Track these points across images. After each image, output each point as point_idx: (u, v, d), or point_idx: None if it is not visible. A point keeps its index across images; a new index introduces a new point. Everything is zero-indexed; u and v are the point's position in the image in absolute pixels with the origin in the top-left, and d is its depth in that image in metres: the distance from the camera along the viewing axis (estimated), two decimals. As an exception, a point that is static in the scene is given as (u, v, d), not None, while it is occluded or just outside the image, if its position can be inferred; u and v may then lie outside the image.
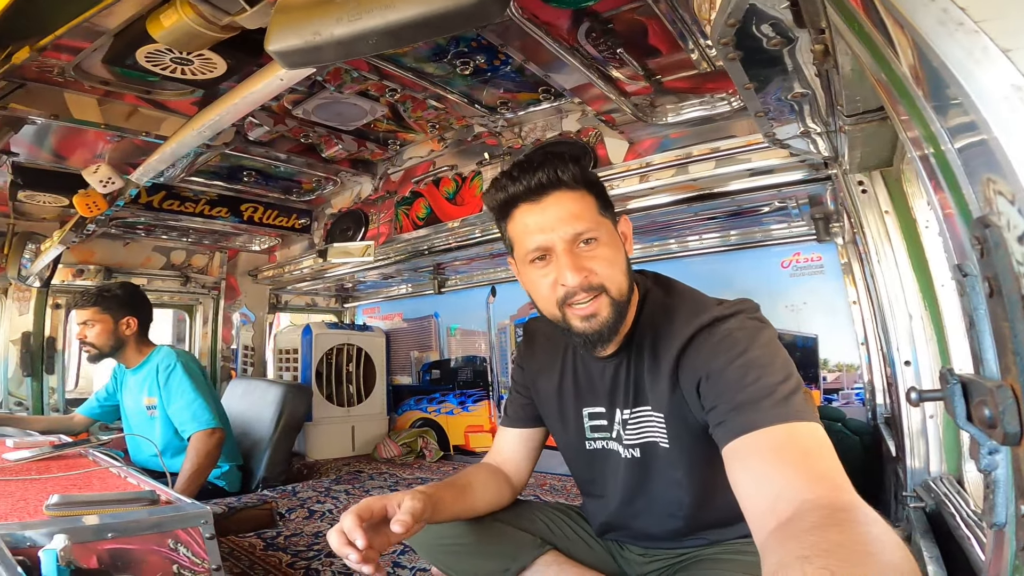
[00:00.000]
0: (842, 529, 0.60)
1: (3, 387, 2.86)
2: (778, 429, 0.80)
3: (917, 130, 0.66)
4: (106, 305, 2.16)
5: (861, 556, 0.55)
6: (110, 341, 2.16)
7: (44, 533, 0.72)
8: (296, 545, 1.77)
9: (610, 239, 1.00)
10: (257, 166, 2.65)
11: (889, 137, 1.23)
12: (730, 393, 0.87)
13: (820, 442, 0.79)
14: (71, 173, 2.22)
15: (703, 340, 0.95)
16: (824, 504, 0.66)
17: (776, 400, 0.82)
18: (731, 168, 1.89)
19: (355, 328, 3.95)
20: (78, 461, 1.32)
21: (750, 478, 0.77)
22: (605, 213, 1.02)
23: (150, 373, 2.17)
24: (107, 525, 0.81)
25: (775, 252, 2.71)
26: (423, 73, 1.85)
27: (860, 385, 2.48)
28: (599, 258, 0.97)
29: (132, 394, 2.24)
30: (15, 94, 1.62)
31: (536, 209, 0.98)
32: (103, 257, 3.16)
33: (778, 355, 0.91)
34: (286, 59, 1.03)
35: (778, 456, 0.77)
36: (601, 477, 1.19)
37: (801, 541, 0.59)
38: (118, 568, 0.78)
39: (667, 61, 1.63)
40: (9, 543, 0.68)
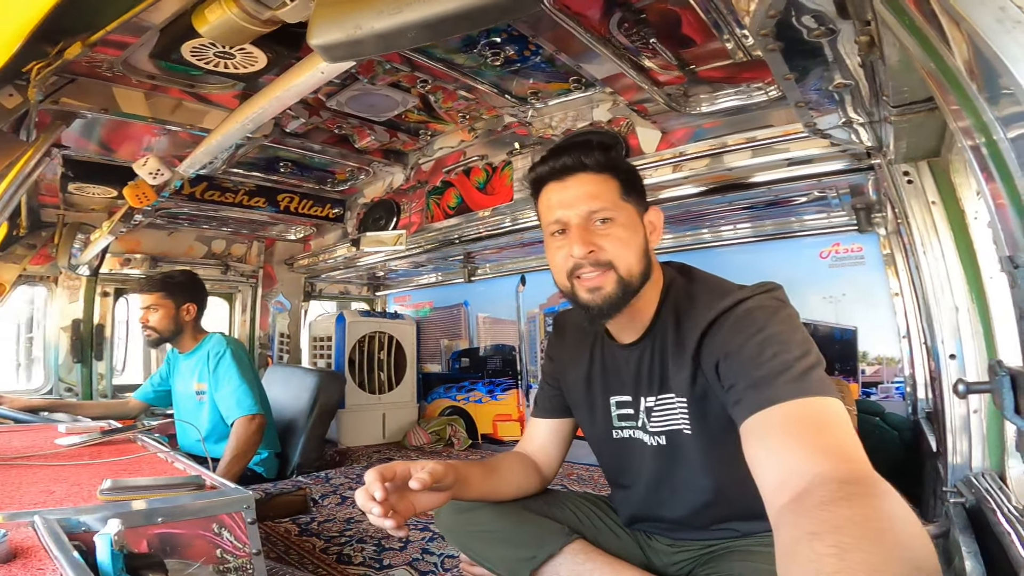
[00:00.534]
0: (853, 503, 0.58)
1: (54, 373, 3.00)
2: (793, 404, 0.79)
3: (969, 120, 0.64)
4: (169, 291, 2.24)
5: (872, 532, 0.54)
6: (171, 326, 2.24)
7: (98, 518, 0.76)
8: (329, 531, 1.82)
9: (628, 222, 1.06)
10: (293, 157, 2.70)
11: (937, 127, 1.19)
12: (747, 371, 0.87)
13: (835, 416, 0.78)
14: (118, 165, 2.31)
15: (723, 322, 0.97)
16: (836, 477, 0.65)
17: (792, 376, 0.82)
18: (768, 158, 1.85)
19: (386, 316, 4.02)
20: (127, 446, 1.38)
21: (764, 454, 0.77)
22: (628, 199, 1.07)
23: (201, 359, 2.25)
24: (157, 510, 0.85)
25: (813, 242, 2.65)
26: (453, 64, 1.86)
27: (900, 379, 2.42)
28: (611, 237, 1.04)
29: (183, 379, 2.32)
30: (66, 88, 1.67)
31: (560, 187, 1.08)
32: (149, 246, 3.28)
33: (796, 332, 0.91)
34: (328, 52, 1.06)
35: (791, 431, 0.76)
36: (628, 466, 1.21)
37: (811, 517, 0.58)
38: (166, 552, 0.82)
39: (701, 51, 1.59)
40: (65, 528, 0.72)
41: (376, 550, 1.63)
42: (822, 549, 0.53)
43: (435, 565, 1.51)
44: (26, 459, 1.17)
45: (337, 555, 1.59)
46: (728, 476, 1.01)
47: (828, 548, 0.53)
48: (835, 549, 0.52)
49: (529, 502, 1.26)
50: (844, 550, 0.52)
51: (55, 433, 1.45)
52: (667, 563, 1.19)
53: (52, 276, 2.98)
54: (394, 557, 1.58)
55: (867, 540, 0.52)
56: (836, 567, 0.51)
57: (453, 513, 1.28)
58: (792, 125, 1.74)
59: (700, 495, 1.10)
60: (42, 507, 0.84)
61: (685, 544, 1.18)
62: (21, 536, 0.69)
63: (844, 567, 0.50)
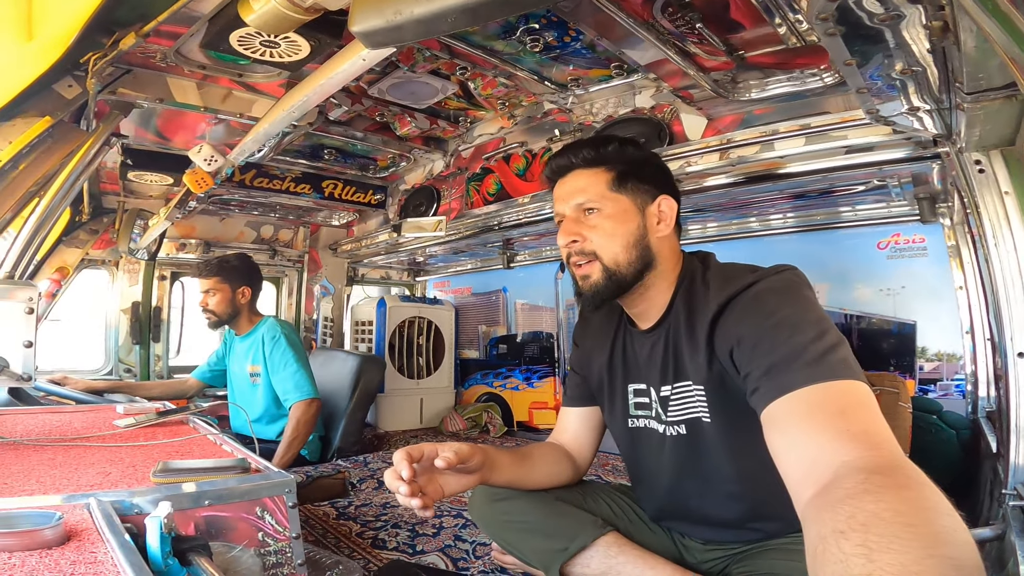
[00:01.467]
0: (881, 496, 0.54)
1: (114, 355, 3.17)
2: (812, 390, 0.75)
3: None
4: (226, 275, 2.32)
5: (903, 528, 0.50)
6: (228, 309, 2.32)
7: (150, 500, 0.79)
8: (365, 515, 1.87)
9: (615, 212, 1.09)
10: (336, 144, 2.75)
11: (1014, 115, 1.10)
12: (761, 357, 0.84)
13: (858, 399, 0.74)
14: (174, 154, 2.40)
15: (733, 307, 0.95)
16: (862, 467, 0.61)
17: (808, 359, 0.78)
18: (823, 145, 1.74)
19: (426, 301, 4.06)
20: (180, 428, 1.45)
21: (786, 444, 0.73)
22: (620, 189, 1.11)
23: (256, 342, 2.32)
24: (205, 492, 0.88)
25: (870, 233, 2.51)
26: (493, 51, 1.83)
27: (961, 376, 2.29)
28: (595, 228, 1.09)
29: (239, 360, 2.40)
30: (123, 79, 1.73)
31: (559, 184, 1.18)
32: (202, 232, 3.41)
33: (809, 311, 0.87)
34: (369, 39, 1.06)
35: (812, 418, 0.72)
36: (644, 457, 1.20)
37: (837, 512, 0.55)
38: (211, 535, 0.86)
39: (751, 36, 1.51)
40: (119, 510, 0.76)
41: (410, 535, 1.67)
42: (849, 549, 0.50)
43: (467, 552, 1.54)
44: (85, 440, 1.24)
45: (372, 539, 1.63)
46: (755, 466, 0.97)
47: (855, 548, 0.50)
48: (863, 549, 0.49)
49: (563, 493, 1.26)
50: (872, 550, 0.49)
51: (113, 414, 1.54)
52: (700, 560, 1.17)
53: (113, 260, 3.13)
54: (427, 543, 1.61)
55: (898, 538, 0.49)
56: (865, 570, 0.48)
57: (486, 502, 1.30)
58: (850, 112, 1.64)
59: (727, 486, 1.07)
60: (98, 489, 0.89)
61: (717, 544, 1.16)
62: (77, 518, 0.73)
63: (873, 569, 0.47)
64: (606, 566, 1.14)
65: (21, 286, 1.30)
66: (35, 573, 0.57)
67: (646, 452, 1.19)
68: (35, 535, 0.64)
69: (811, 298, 0.93)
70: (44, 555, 0.62)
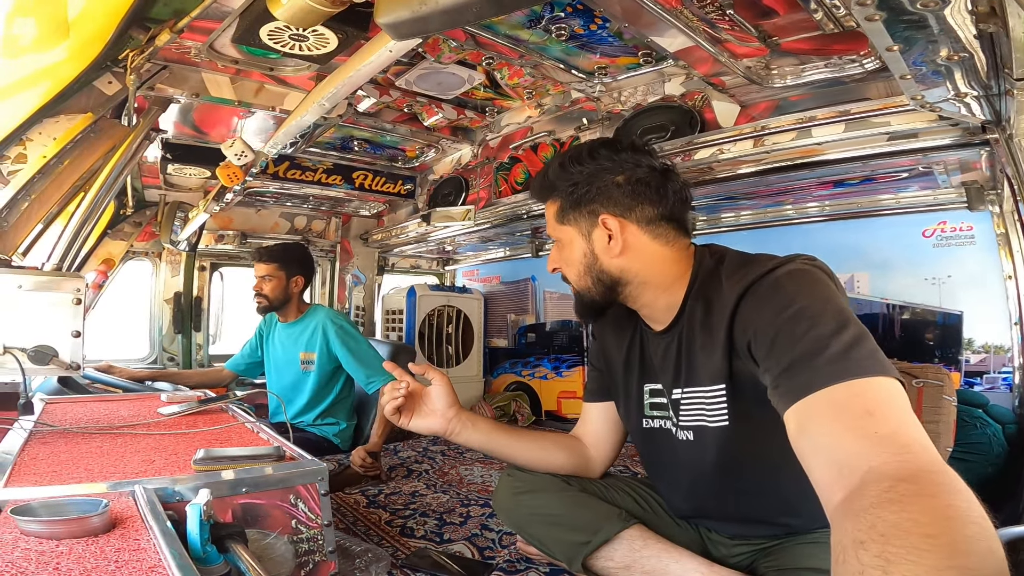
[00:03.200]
0: (904, 505, 0.53)
1: (158, 343, 3.30)
2: (836, 389, 0.71)
3: None
4: (283, 263, 2.37)
5: (922, 539, 0.48)
6: (281, 296, 2.37)
7: (190, 488, 0.83)
8: (395, 504, 1.90)
9: (568, 241, 1.13)
10: (366, 136, 2.78)
11: (1068, 100, 1.03)
12: (780, 353, 0.80)
13: (887, 398, 0.70)
14: (211, 147, 2.45)
15: (750, 296, 0.91)
16: (889, 473, 0.59)
17: (831, 355, 0.74)
18: (864, 132, 1.67)
19: (455, 290, 4.09)
20: (219, 416, 1.51)
21: (812, 448, 0.70)
22: (566, 219, 1.13)
23: (309, 330, 2.36)
24: (242, 480, 0.92)
25: (915, 220, 2.41)
26: (518, 40, 1.81)
27: (1009, 369, 2.19)
28: (560, 258, 1.16)
29: (285, 347, 2.43)
30: (160, 75, 1.78)
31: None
32: (240, 223, 3.50)
33: (830, 301, 0.82)
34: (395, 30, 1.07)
35: (838, 420, 0.69)
36: (660, 458, 1.19)
37: (860, 521, 0.53)
38: (247, 522, 0.89)
39: (785, 22, 1.44)
40: (162, 498, 0.80)
41: (438, 524, 1.70)
42: (867, 560, 0.49)
43: (492, 542, 1.56)
44: (131, 428, 1.31)
45: (401, 528, 1.67)
46: (778, 463, 0.93)
47: (873, 559, 0.49)
48: (880, 561, 0.48)
49: (587, 485, 1.27)
50: (889, 561, 0.48)
51: (157, 402, 1.61)
52: (726, 555, 1.16)
53: (156, 252, 3.25)
54: (454, 532, 1.64)
55: (916, 549, 0.48)
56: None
57: (510, 495, 1.31)
58: (893, 98, 1.57)
59: (748, 484, 1.05)
60: (143, 476, 0.94)
61: (744, 538, 1.14)
62: (122, 506, 0.77)
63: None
64: (630, 559, 1.14)
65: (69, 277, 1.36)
66: (81, 560, 0.61)
67: (662, 452, 1.17)
68: (83, 522, 0.68)
69: (831, 287, 0.88)
70: (91, 542, 0.65)
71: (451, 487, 2.10)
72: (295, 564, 0.93)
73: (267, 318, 2.56)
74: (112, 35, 1.39)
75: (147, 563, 0.60)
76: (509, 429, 1.33)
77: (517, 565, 1.40)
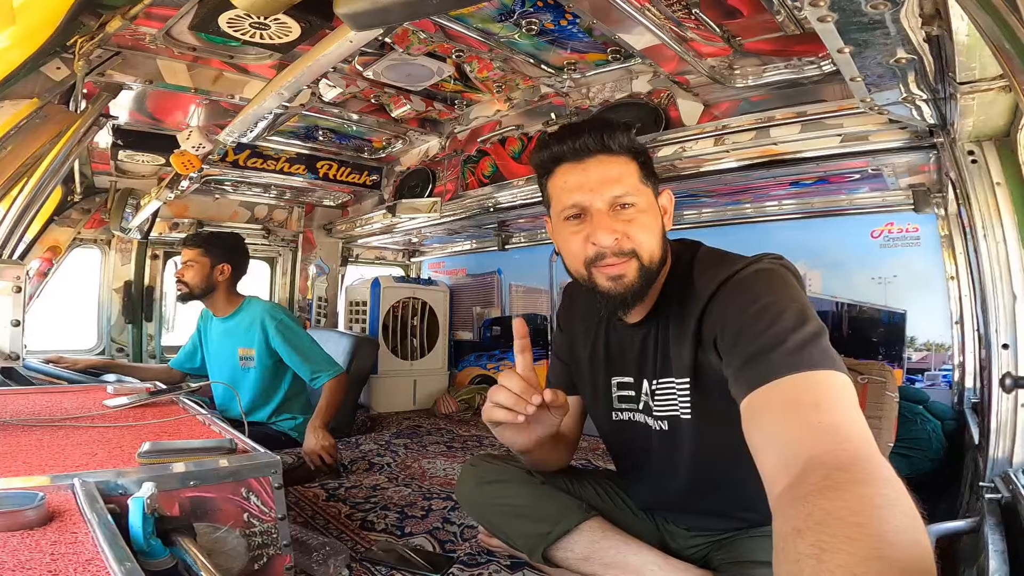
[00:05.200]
0: (839, 494, 0.55)
1: (106, 333, 3.16)
2: (789, 380, 0.74)
3: None
4: (206, 249, 2.26)
5: (854, 528, 0.50)
6: (202, 283, 2.24)
7: (135, 481, 0.80)
8: (355, 497, 1.87)
9: (649, 207, 1.02)
10: (331, 126, 2.74)
11: (1007, 106, 1.09)
12: (743, 345, 0.83)
13: (835, 392, 0.73)
14: (166, 134, 2.38)
15: (720, 294, 0.93)
16: (827, 462, 0.61)
17: (788, 349, 0.77)
18: (819, 133, 1.74)
19: (420, 282, 4.05)
20: (170, 408, 1.46)
21: (761, 436, 0.73)
22: (647, 182, 1.03)
23: (245, 324, 2.27)
24: (190, 473, 0.89)
25: (864, 221, 2.51)
26: (489, 33, 1.80)
27: (949, 367, 2.30)
28: (635, 223, 0.99)
29: (220, 342, 2.35)
30: (112, 61, 1.72)
31: (578, 169, 1.02)
32: (196, 211, 3.39)
33: (794, 300, 0.86)
34: (354, 20, 1.05)
35: (788, 410, 0.72)
36: (629, 449, 1.20)
37: (799, 509, 0.55)
38: (196, 516, 0.86)
39: (749, 22, 1.49)
40: (103, 491, 0.76)
41: (399, 518, 1.69)
42: (803, 549, 0.51)
43: (454, 535, 1.56)
44: (74, 420, 1.25)
45: (361, 521, 1.65)
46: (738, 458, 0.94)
47: (809, 548, 0.51)
48: (815, 549, 0.50)
49: (549, 477, 1.28)
50: (823, 550, 0.50)
51: (103, 394, 1.54)
52: (683, 546, 1.19)
53: (105, 239, 3.12)
54: (415, 525, 1.63)
55: (848, 539, 0.50)
56: (814, 571, 0.49)
57: (473, 485, 1.31)
58: (848, 100, 1.63)
59: (711, 478, 1.08)
60: (84, 469, 0.90)
61: (701, 530, 1.17)
62: (61, 499, 0.74)
63: (822, 570, 0.48)
64: (590, 550, 1.15)
65: (8, 265, 1.30)
66: (16, 553, 0.58)
67: (632, 444, 1.18)
68: (17, 516, 0.65)
69: (796, 286, 0.92)
70: (26, 536, 0.62)
71: (413, 480, 2.08)
72: (248, 558, 0.91)
73: (203, 312, 2.45)
74: (61, 21, 1.35)
75: (84, 556, 0.57)
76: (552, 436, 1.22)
77: (478, 558, 1.40)
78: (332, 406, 2.13)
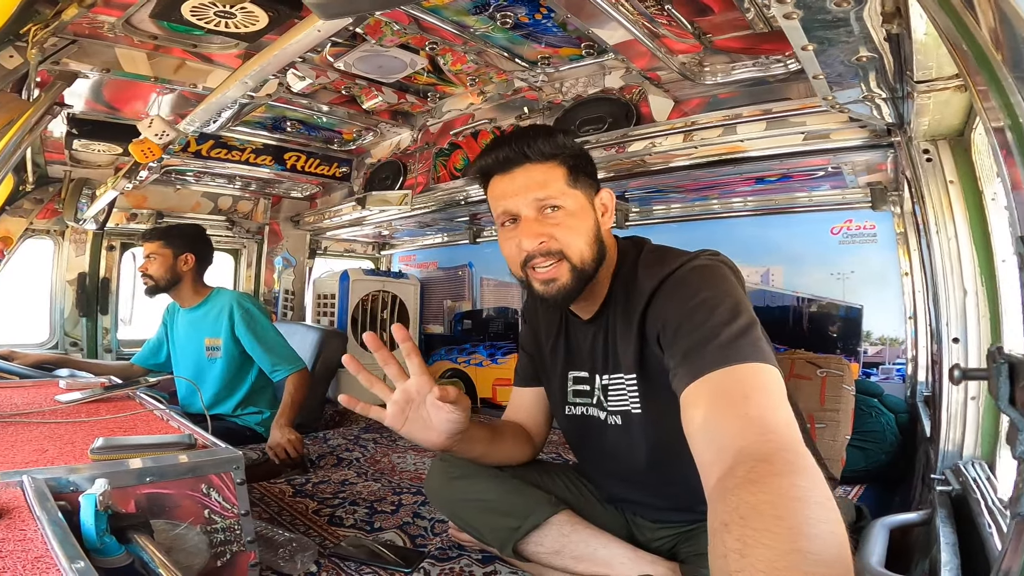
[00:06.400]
0: (761, 486, 0.57)
1: (60, 327, 3.03)
2: (721, 373, 0.77)
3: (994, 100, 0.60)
4: (169, 240, 2.24)
5: (774, 521, 0.52)
6: (167, 275, 2.23)
7: (87, 477, 0.77)
8: (323, 492, 1.84)
9: (577, 208, 1.05)
10: (300, 117, 2.69)
11: (962, 106, 1.13)
12: (681, 340, 0.86)
13: (762, 383, 0.76)
14: (124, 124, 2.33)
15: (661, 290, 0.96)
16: (753, 454, 0.63)
17: (720, 343, 0.80)
18: (783, 131, 1.78)
19: (390, 275, 4.00)
20: (126, 403, 1.40)
21: (696, 428, 0.75)
22: (576, 184, 1.06)
23: (213, 314, 2.24)
24: (147, 469, 0.86)
25: (824, 218, 2.58)
26: (464, 26, 1.79)
27: (902, 361, 2.39)
28: (561, 226, 1.03)
29: (187, 333, 2.31)
30: (68, 50, 1.69)
31: (506, 178, 1.07)
32: (155, 202, 3.28)
33: (729, 294, 0.89)
34: (323, 10, 1.04)
35: (718, 403, 0.75)
36: (586, 444, 1.22)
37: (726, 503, 0.57)
38: (154, 512, 0.84)
39: (720, 20, 1.52)
40: (53, 488, 0.73)
41: (368, 513, 1.66)
42: (730, 543, 0.52)
43: (425, 530, 1.55)
44: (24, 416, 1.19)
45: (329, 517, 1.62)
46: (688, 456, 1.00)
47: (734, 543, 0.52)
48: (739, 544, 0.52)
49: (519, 471, 1.28)
50: (747, 544, 0.51)
51: (56, 390, 1.47)
52: (650, 538, 1.21)
53: (59, 230, 2.99)
54: (385, 520, 1.61)
55: (769, 532, 0.51)
56: (738, 565, 0.50)
57: (443, 480, 1.30)
58: (811, 99, 1.67)
59: (666, 472, 1.10)
60: (33, 466, 0.86)
61: (666, 523, 1.19)
62: (8, 496, 0.70)
63: (745, 565, 0.50)
64: (560, 544, 1.16)
65: (-46, 255, 1.22)
66: (-41, 553, 0.55)
67: (588, 438, 1.20)
68: (-40, 514, 0.61)
69: (732, 281, 0.94)
70: (-30, 534, 0.59)
71: (383, 475, 2.06)
72: (210, 555, 0.88)
73: (170, 306, 2.42)
74: (15, 10, 1.32)
75: (33, 553, 0.55)
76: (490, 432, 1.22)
77: (449, 552, 1.39)
78: (296, 404, 2.13)
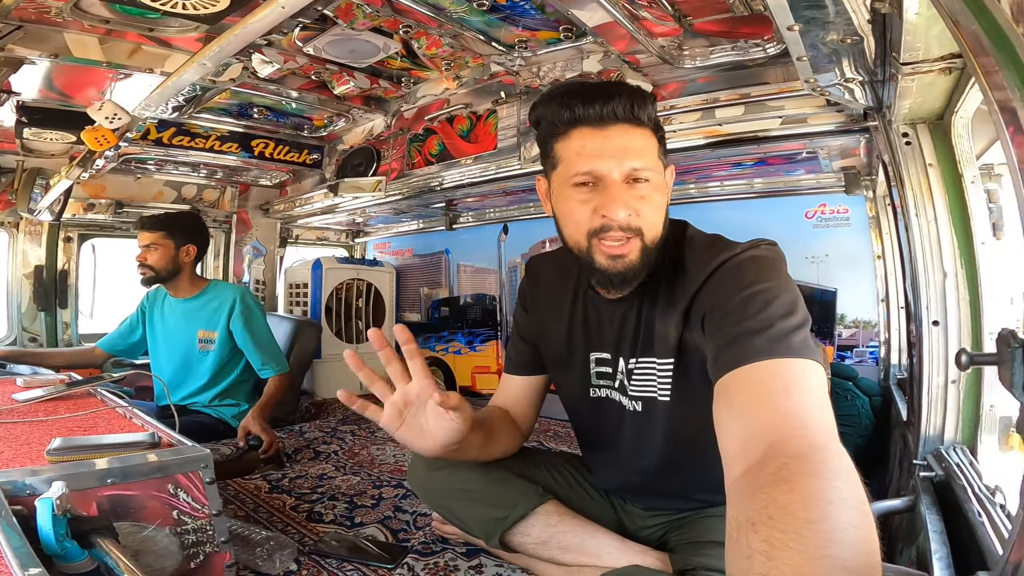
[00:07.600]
0: (793, 486, 0.55)
1: (17, 322, 2.90)
2: (767, 364, 0.74)
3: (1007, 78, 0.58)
4: (171, 231, 2.19)
5: (804, 524, 0.51)
6: (168, 266, 2.18)
7: (44, 480, 0.72)
8: (300, 488, 1.80)
9: (660, 185, 0.97)
10: (267, 103, 2.59)
11: (945, 88, 1.13)
12: (729, 326, 0.82)
13: (807, 380, 0.73)
14: (77, 111, 2.20)
15: (715, 277, 0.92)
16: (786, 450, 0.61)
17: (772, 335, 0.77)
18: (761, 115, 1.79)
19: (365, 263, 3.93)
20: (87, 401, 1.33)
21: (727, 416, 0.73)
22: (662, 159, 0.98)
23: (212, 307, 2.20)
24: (108, 471, 0.81)
25: (799, 202, 2.62)
26: (439, 8, 1.73)
27: (875, 344, 2.44)
28: (647, 200, 0.94)
29: (178, 323, 2.25)
30: (13, 36, 1.60)
31: (599, 135, 0.94)
32: (114, 191, 3.13)
33: (787, 289, 0.86)
34: None
35: (758, 393, 0.72)
36: (604, 428, 1.18)
37: (755, 500, 0.56)
38: (117, 515, 0.79)
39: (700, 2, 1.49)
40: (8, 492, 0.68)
41: (348, 508, 1.63)
42: (756, 544, 0.51)
43: (407, 524, 1.52)
44: (-24, 417, 1.12)
45: (308, 513, 1.58)
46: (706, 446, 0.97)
47: (760, 543, 0.51)
48: (766, 546, 0.50)
49: (506, 461, 1.25)
50: (774, 547, 0.50)
51: (13, 388, 1.40)
52: (640, 526, 1.20)
53: (13, 222, 2.85)
54: (366, 515, 1.58)
55: (798, 536, 0.50)
56: (764, 568, 0.49)
57: (426, 470, 1.27)
58: (788, 83, 1.67)
59: (677, 459, 1.08)
60: (-13, 471, 0.80)
61: (659, 510, 1.18)
62: (-42, 506, 0.65)
63: (771, 568, 0.48)
64: (547, 535, 1.14)
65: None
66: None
67: (605, 422, 1.16)
68: (-98, 528, 0.56)
69: (788, 275, 0.91)
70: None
71: (362, 468, 2.02)
72: (182, 556, 0.84)
73: (151, 293, 2.35)
74: None
75: (-16, 568, 0.50)
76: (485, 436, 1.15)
77: (433, 546, 1.37)
78: (274, 403, 2.13)
